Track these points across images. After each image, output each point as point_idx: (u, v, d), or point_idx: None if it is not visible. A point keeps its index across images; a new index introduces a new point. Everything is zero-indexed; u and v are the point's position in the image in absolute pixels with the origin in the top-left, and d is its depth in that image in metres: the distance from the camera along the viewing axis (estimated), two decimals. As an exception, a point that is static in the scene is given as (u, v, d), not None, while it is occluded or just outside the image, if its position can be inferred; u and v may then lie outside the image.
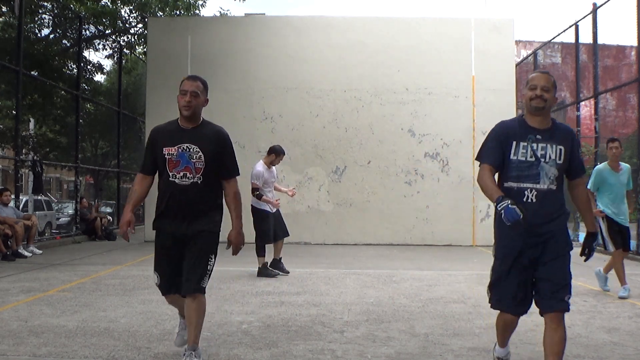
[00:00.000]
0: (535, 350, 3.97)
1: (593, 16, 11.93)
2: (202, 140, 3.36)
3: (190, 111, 3.36)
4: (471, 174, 12.60)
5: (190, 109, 3.35)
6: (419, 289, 6.49)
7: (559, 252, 3.02)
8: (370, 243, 12.45)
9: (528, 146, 3.01)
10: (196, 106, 3.38)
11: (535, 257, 3.03)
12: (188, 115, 3.38)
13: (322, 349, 3.92)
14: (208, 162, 3.35)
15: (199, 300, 3.36)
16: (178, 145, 3.34)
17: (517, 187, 3.01)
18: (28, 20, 14.64)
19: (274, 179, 7.66)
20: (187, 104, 3.35)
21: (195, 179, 3.33)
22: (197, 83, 3.44)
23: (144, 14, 16.82)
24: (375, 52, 12.79)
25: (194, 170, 3.33)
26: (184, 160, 3.33)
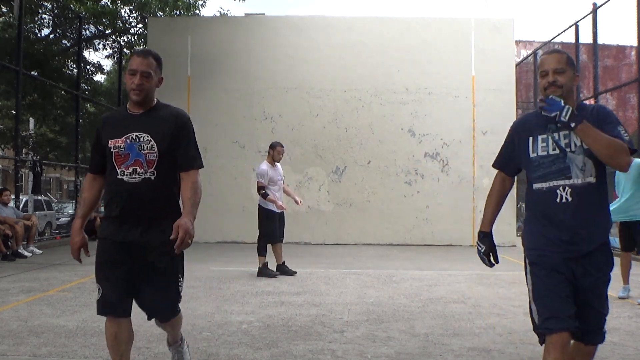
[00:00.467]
0: (535, 350, 3.96)
1: (593, 16, 11.92)
2: (154, 126, 2.79)
3: (142, 95, 2.78)
4: (471, 174, 12.61)
5: (142, 92, 2.77)
6: (419, 289, 6.49)
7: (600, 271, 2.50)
8: (370, 243, 12.45)
9: (548, 138, 2.58)
10: (148, 89, 2.80)
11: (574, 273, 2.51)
12: (138, 100, 2.80)
13: (322, 349, 3.92)
14: (163, 153, 2.77)
15: (175, 320, 3.06)
16: (126, 135, 2.77)
17: (546, 187, 2.54)
18: (28, 20, 14.64)
19: (279, 177, 7.59)
20: (137, 87, 2.76)
21: (147, 175, 2.74)
22: (149, 60, 2.80)
23: (144, 14, 16.83)
24: (375, 52, 12.79)
25: (145, 164, 2.74)
26: (134, 152, 2.75)
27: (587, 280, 2.44)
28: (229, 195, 12.62)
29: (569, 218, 2.46)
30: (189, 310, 5.14)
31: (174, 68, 12.90)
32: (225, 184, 12.66)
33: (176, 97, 12.87)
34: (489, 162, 12.67)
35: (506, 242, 12.38)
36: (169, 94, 12.95)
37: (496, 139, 12.55)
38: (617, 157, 2.41)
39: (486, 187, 12.52)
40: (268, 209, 7.41)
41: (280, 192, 7.55)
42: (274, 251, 7.53)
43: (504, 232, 12.49)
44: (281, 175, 7.68)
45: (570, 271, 2.45)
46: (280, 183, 7.58)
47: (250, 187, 12.58)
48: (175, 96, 12.88)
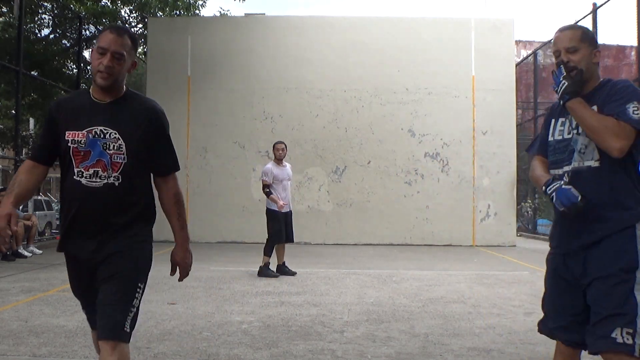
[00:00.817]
0: (535, 350, 3.96)
1: (593, 16, 11.92)
2: (124, 121, 2.30)
3: (110, 80, 2.27)
4: (471, 173, 12.62)
5: (110, 77, 2.26)
6: (419, 289, 6.49)
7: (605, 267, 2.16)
8: (370, 243, 12.44)
9: (567, 121, 2.31)
10: (119, 73, 2.28)
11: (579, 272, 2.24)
12: (105, 85, 2.28)
13: (322, 349, 3.92)
14: (132, 155, 2.30)
15: (120, 350, 2.21)
16: (88, 128, 2.27)
17: (557, 175, 2.30)
18: (28, 20, 14.64)
19: (286, 176, 7.49)
20: (105, 70, 2.24)
21: (110, 180, 2.27)
22: (124, 39, 2.27)
23: (144, 14, 16.83)
24: (375, 52, 12.79)
25: (109, 167, 2.27)
26: (96, 151, 2.26)
27: (586, 278, 2.19)
28: (229, 195, 12.62)
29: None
30: (189, 310, 5.15)
31: (174, 68, 12.91)
32: (225, 184, 12.66)
33: (176, 97, 12.89)
34: (489, 162, 12.75)
35: (506, 242, 12.39)
36: (169, 94, 12.98)
37: (496, 139, 12.58)
38: (603, 138, 2.12)
39: (486, 187, 12.58)
40: (272, 209, 7.37)
41: (286, 192, 7.48)
42: (276, 251, 7.52)
43: (504, 232, 12.51)
44: (288, 175, 7.57)
45: (570, 271, 2.25)
46: (286, 183, 7.49)
47: (250, 187, 12.60)
48: (175, 96, 12.89)
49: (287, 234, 7.51)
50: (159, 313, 4.99)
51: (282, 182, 7.43)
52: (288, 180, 7.55)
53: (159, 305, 5.37)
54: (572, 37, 2.29)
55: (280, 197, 7.34)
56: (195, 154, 12.73)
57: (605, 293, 2.13)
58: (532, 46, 19.77)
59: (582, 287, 2.21)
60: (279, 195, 7.35)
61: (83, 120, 2.29)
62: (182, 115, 12.70)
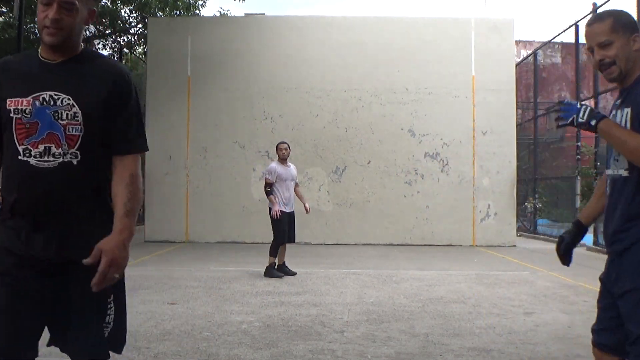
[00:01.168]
0: (535, 350, 3.97)
1: (593, 16, 11.92)
2: (79, 84, 1.84)
3: (59, 36, 1.80)
4: (471, 174, 12.62)
5: (60, 32, 1.80)
6: (419, 289, 6.49)
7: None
8: (370, 243, 12.44)
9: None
10: (71, 27, 1.82)
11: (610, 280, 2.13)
12: (54, 42, 1.81)
13: (322, 349, 3.92)
14: (91, 125, 1.83)
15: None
16: (34, 93, 1.80)
17: (607, 175, 2.17)
18: (28, 21, 14.64)
19: (289, 176, 7.49)
20: (52, 24, 1.78)
21: (67, 157, 1.80)
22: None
23: (144, 14, 16.83)
24: (375, 52, 12.79)
25: (64, 141, 1.80)
26: (46, 122, 1.79)
27: (616, 285, 2.07)
28: (229, 195, 12.62)
29: (605, 212, 2.14)
30: (189, 310, 5.15)
31: (174, 68, 12.90)
32: (225, 184, 12.66)
33: (176, 97, 12.89)
34: (489, 162, 12.79)
35: (506, 242, 12.39)
36: (169, 94, 12.98)
37: (496, 139, 12.58)
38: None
39: (486, 187, 12.58)
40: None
41: (289, 192, 7.48)
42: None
43: (504, 232, 12.51)
44: (292, 176, 7.57)
45: (608, 275, 2.14)
46: (289, 183, 7.49)
47: (250, 187, 12.61)
48: (175, 96, 12.90)
49: (290, 235, 7.51)
50: (159, 313, 4.99)
51: (286, 181, 7.43)
52: (292, 181, 7.54)
53: (159, 305, 5.37)
54: (602, 30, 2.03)
55: (283, 197, 7.35)
56: (195, 154, 12.73)
57: (633, 310, 2.00)
58: (532, 46, 19.78)
59: (614, 295, 2.11)
60: (282, 195, 7.35)
61: (27, 84, 1.81)
62: (182, 115, 12.70)
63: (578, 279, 7.37)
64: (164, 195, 12.67)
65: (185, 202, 12.67)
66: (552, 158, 18.26)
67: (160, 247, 11.29)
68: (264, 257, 7.74)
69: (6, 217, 1.84)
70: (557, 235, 14.16)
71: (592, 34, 2.07)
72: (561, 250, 2.34)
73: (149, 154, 14.78)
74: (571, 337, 4.31)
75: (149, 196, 13.09)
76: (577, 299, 5.89)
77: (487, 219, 12.50)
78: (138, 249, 10.86)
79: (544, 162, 16.85)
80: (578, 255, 3.23)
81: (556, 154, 19.64)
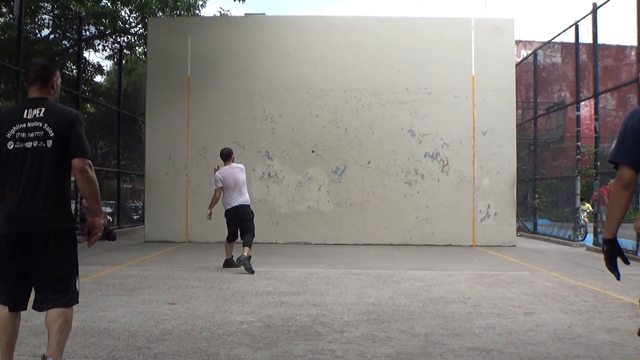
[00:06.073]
0: (535, 350, 3.97)
1: (593, 16, 11.92)
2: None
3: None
4: (471, 174, 12.62)
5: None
6: (419, 289, 6.49)
7: None
8: (370, 243, 12.44)
9: None
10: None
11: None
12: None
13: (322, 349, 3.92)
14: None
15: (66, 313, 3.20)
16: None
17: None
18: (28, 21, 14.64)
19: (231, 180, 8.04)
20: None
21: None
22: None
23: (144, 15, 16.82)
24: (375, 52, 12.79)
25: None
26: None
27: None
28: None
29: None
30: (189, 310, 5.15)
31: (174, 68, 12.91)
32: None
33: (176, 97, 12.89)
34: (489, 162, 12.78)
35: (506, 242, 12.39)
36: (169, 94, 12.99)
37: (496, 139, 12.58)
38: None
39: (486, 187, 12.58)
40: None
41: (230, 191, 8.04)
42: (229, 247, 8.19)
43: (504, 232, 12.51)
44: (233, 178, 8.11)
45: None
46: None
47: (250, 187, 12.59)
48: (175, 96, 12.90)
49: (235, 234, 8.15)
50: (159, 313, 4.99)
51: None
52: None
53: (159, 305, 5.37)
54: None
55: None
56: (195, 154, 12.74)
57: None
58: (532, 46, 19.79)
59: None
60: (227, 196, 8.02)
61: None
62: (182, 115, 12.70)
63: (578, 279, 7.37)
64: (164, 195, 12.67)
65: (185, 202, 12.67)
66: (552, 158, 18.27)
67: (160, 247, 11.29)
68: (264, 257, 7.77)
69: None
70: (557, 235, 14.17)
71: None
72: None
73: (149, 154, 14.79)
74: (571, 337, 4.31)
75: (149, 196, 13.10)
76: (577, 299, 5.89)
77: (487, 219, 12.50)
78: (138, 249, 10.86)
79: (544, 162, 16.85)
80: (578, 255, 3.23)
81: (556, 154, 19.65)
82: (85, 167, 2.89)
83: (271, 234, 12.25)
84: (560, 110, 18.56)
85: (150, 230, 12.65)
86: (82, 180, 2.91)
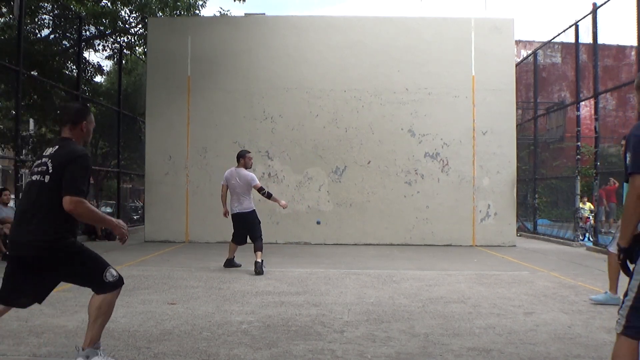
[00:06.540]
0: (535, 350, 3.97)
1: (593, 16, 11.92)
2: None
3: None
4: (471, 174, 12.62)
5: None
6: (419, 289, 6.49)
7: None
8: (370, 243, 12.44)
9: None
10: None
11: None
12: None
13: (322, 349, 3.92)
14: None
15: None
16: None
17: None
18: (28, 21, 14.63)
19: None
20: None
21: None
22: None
23: (144, 15, 16.82)
24: (375, 52, 12.79)
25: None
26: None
27: None
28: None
29: None
30: (189, 310, 5.15)
31: (174, 68, 12.91)
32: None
33: (176, 97, 12.89)
34: (489, 162, 12.76)
35: (506, 242, 12.39)
36: (169, 94, 12.98)
37: (496, 139, 12.58)
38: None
39: (486, 187, 12.57)
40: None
41: None
42: (232, 247, 8.29)
43: (504, 232, 12.51)
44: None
45: None
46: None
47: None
48: (175, 96, 12.90)
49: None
50: (159, 313, 4.99)
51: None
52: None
53: (159, 305, 5.37)
54: None
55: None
56: (195, 154, 12.74)
57: None
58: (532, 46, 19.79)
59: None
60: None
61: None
62: (182, 115, 12.70)
63: (578, 279, 7.37)
64: (164, 195, 12.67)
65: (185, 202, 12.67)
66: (552, 158, 18.28)
67: (160, 247, 11.29)
68: (264, 257, 7.77)
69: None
70: (557, 235, 14.17)
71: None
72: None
73: (149, 154, 14.77)
74: (571, 337, 4.31)
75: (148, 196, 13.10)
76: (577, 299, 5.89)
77: (487, 219, 12.49)
78: (138, 249, 10.86)
79: (544, 162, 16.86)
80: (578, 255, 3.23)
81: (556, 154, 19.66)
82: (73, 206, 3.07)
83: (271, 234, 12.23)
84: (560, 110, 18.57)
85: (150, 231, 12.65)
86: (74, 215, 3.13)
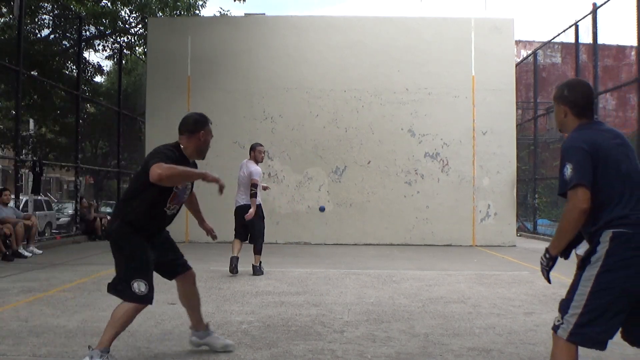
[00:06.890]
0: (535, 350, 3.97)
1: (593, 16, 11.92)
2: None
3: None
4: (471, 174, 12.62)
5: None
6: (419, 289, 6.49)
7: None
8: (370, 243, 12.44)
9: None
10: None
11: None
12: (203, 158, 4.25)
13: (322, 349, 3.92)
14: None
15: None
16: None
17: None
18: (28, 21, 14.64)
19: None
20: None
21: (176, 209, 3.89)
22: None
23: (144, 15, 16.83)
24: (375, 52, 12.79)
25: (179, 204, 3.87)
26: (182, 195, 3.87)
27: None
28: (229, 195, 12.57)
29: None
30: (189, 310, 5.14)
31: (174, 68, 12.91)
32: (225, 184, 12.63)
33: (176, 97, 12.88)
34: (488, 162, 12.75)
35: (506, 242, 12.39)
36: (169, 94, 12.98)
37: (496, 139, 12.58)
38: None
39: (486, 187, 12.58)
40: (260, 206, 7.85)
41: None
42: (235, 244, 7.95)
43: (504, 232, 12.51)
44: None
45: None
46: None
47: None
48: (175, 96, 12.89)
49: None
50: (159, 313, 4.99)
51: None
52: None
53: (159, 305, 5.36)
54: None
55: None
56: (195, 154, 12.72)
57: None
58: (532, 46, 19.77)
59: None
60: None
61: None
62: (182, 115, 12.60)
63: (578, 279, 7.36)
64: (164, 196, 12.66)
65: (185, 202, 12.66)
66: (552, 158, 18.25)
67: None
68: (264, 257, 7.76)
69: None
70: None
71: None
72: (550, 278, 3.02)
73: (149, 154, 14.68)
74: (571, 337, 4.31)
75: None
76: (577, 299, 5.88)
77: (487, 219, 12.49)
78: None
79: (544, 162, 16.85)
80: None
81: (556, 154, 19.61)
82: (154, 172, 3.29)
83: (271, 234, 12.19)
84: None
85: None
86: (159, 181, 3.35)
